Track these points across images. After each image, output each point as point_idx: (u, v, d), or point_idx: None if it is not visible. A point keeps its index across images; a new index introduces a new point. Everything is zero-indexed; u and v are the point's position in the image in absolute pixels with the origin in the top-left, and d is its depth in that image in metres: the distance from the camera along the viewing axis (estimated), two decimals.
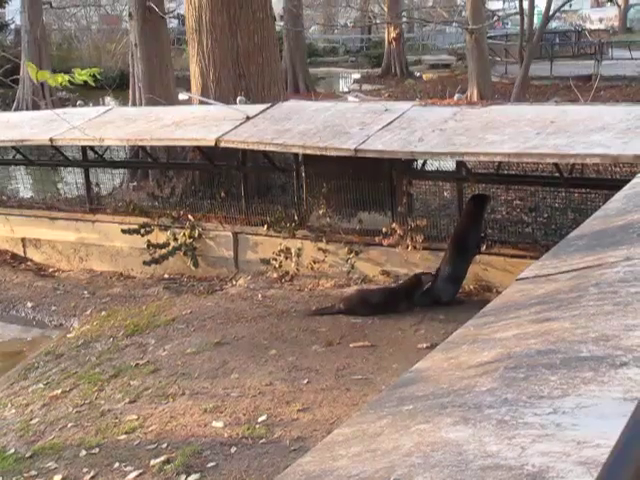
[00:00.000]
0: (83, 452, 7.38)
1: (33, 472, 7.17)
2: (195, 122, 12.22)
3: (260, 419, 7.42)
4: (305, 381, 8.21)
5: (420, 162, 11.42)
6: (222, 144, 11.31)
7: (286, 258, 11.76)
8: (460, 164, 10.69)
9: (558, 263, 4.34)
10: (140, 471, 6.79)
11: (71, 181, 15.09)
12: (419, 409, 2.58)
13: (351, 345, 9.11)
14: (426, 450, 2.20)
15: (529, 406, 2.43)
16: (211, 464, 6.72)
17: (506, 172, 11.35)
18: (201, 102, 14.02)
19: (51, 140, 12.94)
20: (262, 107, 12.41)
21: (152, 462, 6.89)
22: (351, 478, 2.17)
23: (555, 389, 2.54)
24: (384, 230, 10.97)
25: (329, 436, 2.68)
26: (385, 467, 2.17)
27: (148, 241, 12.72)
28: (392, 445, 2.32)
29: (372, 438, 2.46)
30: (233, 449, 6.93)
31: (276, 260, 11.82)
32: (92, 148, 13.75)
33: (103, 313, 11.57)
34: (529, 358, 2.87)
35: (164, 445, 7.20)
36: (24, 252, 14.48)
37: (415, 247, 10.71)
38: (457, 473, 2.03)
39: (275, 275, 11.81)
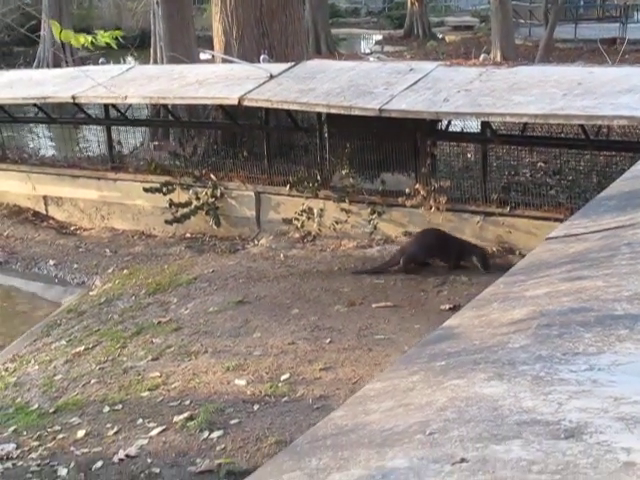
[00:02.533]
0: (106, 408, 7.41)
1: (57, 427, 7.20)
2: (218, 81, 12.16)
3: (283, 377, 7.43)
4: (327, 340, 8.21)
5: (444, 123, 11.32)
6: (245, 103, 11.26)
7: (308, 218, 11.73)
8: (485, 125, 10.59)
9: (588, 223, 4.30)
10: (163, 427, 6.81)
11: (93, 139, 15.07)
12: (451, 365, 2.55)
13: (373, 305, 9.09)
14: (460, 405, 2.18)
15: (564, 363, 2.40)
16: (234, 421, 6.73)
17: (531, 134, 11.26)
18: (224, 61, 13.93)
19: (73, 98, 12.91)
20: (286, 66, 12.32)
21: (175, 419, 6.92)
22: (384, 432, 2.15)
23: (590, 346, 2.51)
24: (407, 191, 10.91)
25: (360, 391, 2.66)
26: (419, 422, 2.15)
27: (170, 200, 12.70)
28: (425, 400, 2.30)
29: (404, 393, 2.43)
30: (256, 407, 6.94)
31: (298, 220, 11.79)
32: (114, 106, 13.70)
33: (125, 271, 11.59)
34: (562, 316, 2.84)
35: (187, 402, 7.22)
36: (46, 210, 14.50)
37: (438, 208, 10.66)
38: (493, 428, 2.01)
39: (297, 235, 11.79)
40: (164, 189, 12.79)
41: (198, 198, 12.57)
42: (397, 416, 2.24)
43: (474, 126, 11.35)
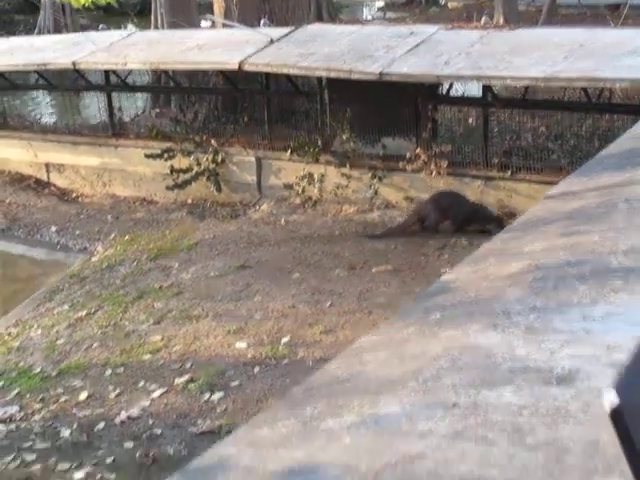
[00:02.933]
0: (108, 371, 7.45)
1: (59, 390, 7.25)
2: (218, 45, 12.12)
3: (283, 340, 7.46)
4: (328, 304, 8.23)
5: (445, 87, 11.29)
6: (245, 67, 11.22)
7: (309, 183, 11.72)
8: (486, 89, 10.55)
9: (587, 181, 4.30)
10: (164, 389, 6.85)
11: (94, 106, 15.04)
12: (447, 317, 2.56)
13: (374, 270, 9.10)
14: (454, 354, 2.19)
15: (558, 313, 2.42)
16: (234, 383, 6.78)
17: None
18: (224, 26, 13.88)
19: (74, 64, 12.87)
20: (286, 30, 12.27)
21: (176, 381, 6.96)
22: (378, 381, 2.16)
23: (584, 298, 2.53)
24: (408, 156, 10.89)
25: (356, 343, 2.67)
26: (412, 370, 2.17)
27: (171, 166, 12.69)
28: (420, 350, 2.31)
29: (399, 344, 2.45)
30: (256, 369, 6.97)
31: (299, 185, 11.78)
32: (115, 72, 13.66)
33: (127, 237, 11.60)
34: (558, 269, 2.85)
35: (188, 365, 7.26)
36: (48, 177, 14.49)
37: (439, 173, 10.64)
38: (485, 374, 2.02)
39: (298, 200, 11.78)
40: (165, 155, 12.77)
41: (199, 164, 12.55)
42: (391, 365, 2.26)
43: (476, 91, 11.32)
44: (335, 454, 1.79)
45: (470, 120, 11.92)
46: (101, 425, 6.48)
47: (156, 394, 6.82)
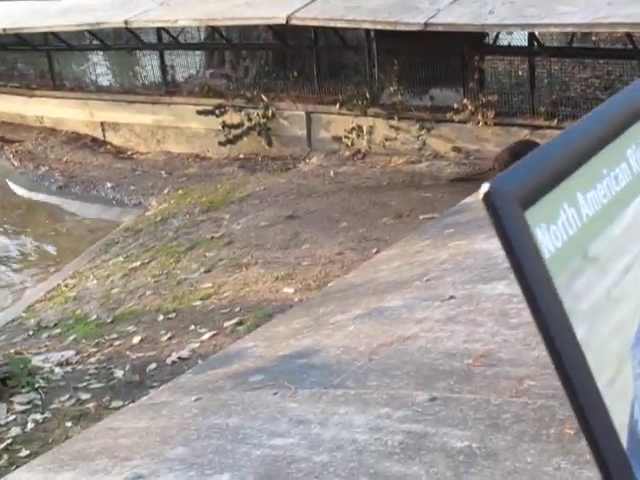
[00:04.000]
0: (161, 317, 7.70)
1: (114, 335, 7.52)
2: (266, 1, 12.23)
3: (329, 285, 7.63)
4: (374, 251, 8.33)
5: (492, 37, 11.31)
6: (293, 21, 11.34)
7: (358, 136, 11.83)
8: (532, 38, 10.56)
9: None
10: (214, 332, 7.07)
11: (147, 65, 15.26)
12: (459, 231, 2.71)
13: (420, 217, 9.21)
14: (459, 258, 2.34)
15: None
16: None
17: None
18: None
19: (126, 22, 13.08)
20: None
21: (225, 324, 7.17)
22: (388, 283, 2.33)
23: None
24: (455, 106, 10.94)
25: (374, 257, 2.84)
26: (420, 273, 2.33)
27: (223, 122, 12.86)
28: (429, 258, 2.47)
29: (412, 255, 2.61)
30: None
31: (348, 138, 11.90)
32: (167, 31, 13.85)
33: (180, 192, 11.84)
34: None
35: (237, 309, 7.46)
36: (103, 136, 14.78)
37: (486, 123, 10.69)
38: (483, 273, 2.17)
39: (347, 153, 11.91)
40: (217, 111, 12.95)
41: (250, 119, 12.71)
42: (402, 271, 2.42)
43: (522, 41, 11.31)
44: (339, 339, 1.96)
45: (518, 70, 11.94)
46: (153, 366, 6.72)
47: (206, 336, 7.04)
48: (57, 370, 6.97)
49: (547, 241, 0.93)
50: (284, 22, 11.45)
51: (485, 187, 0.86)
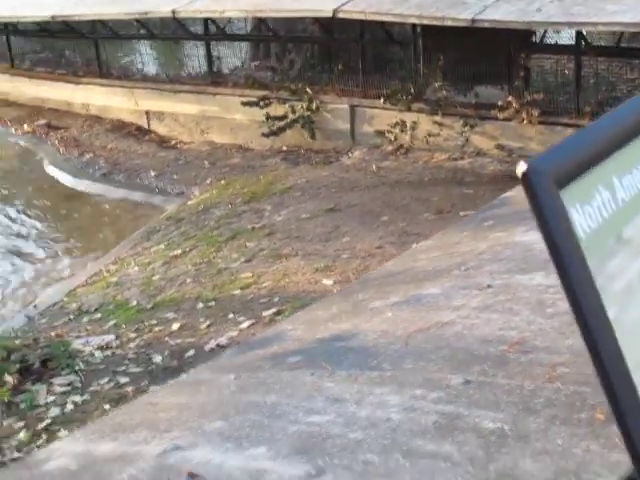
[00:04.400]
0: (200, 305, 7.76)
1: (153, 321, 7.59)
2: None
3: (368, 273, 7.65)
4: (414, 245, 8.37)
5: (539, 36, 11.26)
6: (339, 15, 11.36)
7: (401, 131, 11.84)
8: (579, 37, 10.50)
9: None
10: (252, 321, 7.11)
11: (193, 55, 15.36)
12: (499, 223, 2.73)
13: (461, 213, 9.19)
14: (498, 249, 2.36)
15: None
16: None
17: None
18: None
19: (173, 12, 13.17)
20: None
21: (264, 313, 7.21)
22: (426, 272, 2.35)
23: None
24: (500, 104, 10.91)
25: (413, 247, 2.86)
26: (458, 262, 2.35)
27: (267, 114, 12.93)
28: (468, 249, 2.49)
29: (451, 246, 2.63)
30: None
31: (391, 133, 11.91)
32: (214, 21, 13.93)
33: (222, 182, 11.91)
34: None
35: (276, 299, 7.51)
36: (148, 125, 14.90)
37: (530, 121, 10.65)
38: (521, 264, 2.19)
39: (390, 148, 11.92)
40: (261, 103, 13.01)
41: (294, 111, 12.76)
42: (440, 261, 2.44)
43: (569, 40, 11.25)
44: (376, 324, 1.99)
45: (563, 69, 11.88)
46: (191, 352, 6.78)
47: (244, 325, 7.09)
48: (97, 354, 7.06)
49: (582, 221, 0.95)
50: (330, 15, 11.47)
51: (523, 166, 0.89)
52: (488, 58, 11.22)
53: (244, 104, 13.12)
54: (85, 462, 2.60)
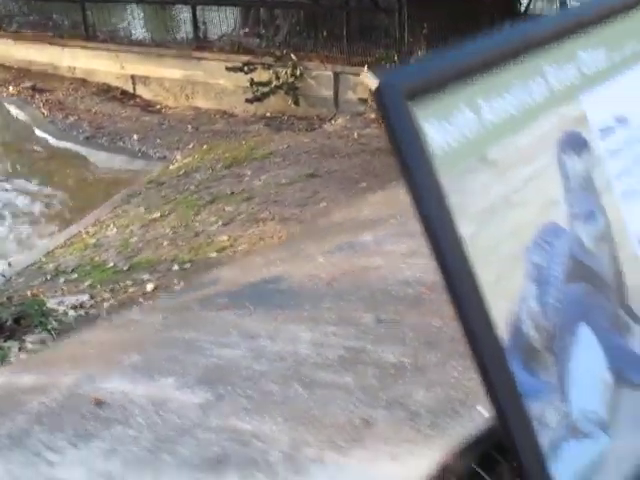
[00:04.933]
0: (176, 267, 7.77)
1: (128, 282, 7.60)
2: None
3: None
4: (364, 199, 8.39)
5: (524, 4, 11.25)
6: None
7: None
8: (563, 5, 10.49)
9: None
10: None
11: (180, 20, 15.30)
12: None
13: None
14: None
15: None
16: None
17: None
18: None
19: None
20: None
21: None
22: (365, 222, 2.38)
23: None
24: None
25: (362, 200, 2.89)
26: (395, 213, 2.38)
27: (251, 79, 12.89)
28: (408, 199, 2.52)
29: (395, 197, 2.66)
30: None
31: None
32: None
33: (205, 147, 11.90)
34: None
35: None
36: (133, 89, 14.85)
37: None
38: None
39: (372, 115, 11.89)
40: (245, 68, 12.97)
41: (278, 78, 12.73)
42: (381, 211, 2.48)
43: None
44: (306, 269, 2.01)
45: None
46: None
47: None
48: (70, 313, 7.08)
49: (439, 137, 0.96)
50: None
51: (375, 80, 0.90)
52: (472, 26, 11.15)
53: (228, 69, 13.08)
54: (3, 392, 2.67)
